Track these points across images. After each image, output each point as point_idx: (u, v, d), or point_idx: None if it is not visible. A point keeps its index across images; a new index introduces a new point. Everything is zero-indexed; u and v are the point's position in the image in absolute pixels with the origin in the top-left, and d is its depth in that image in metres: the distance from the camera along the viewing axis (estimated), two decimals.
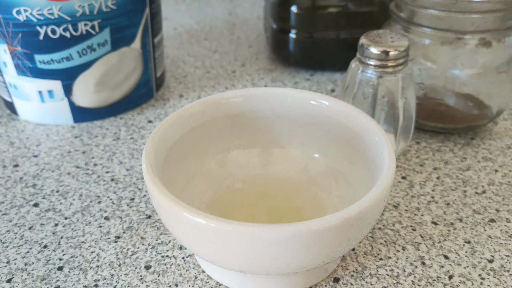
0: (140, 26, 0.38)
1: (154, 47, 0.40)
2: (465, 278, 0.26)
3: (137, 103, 0.41)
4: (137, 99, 0.41)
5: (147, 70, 0.40)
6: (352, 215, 0.21)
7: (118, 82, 0.39)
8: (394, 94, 0.31)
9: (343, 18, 0.45)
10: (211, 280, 0.26)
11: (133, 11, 0.37)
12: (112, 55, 0.37)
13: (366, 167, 0.26)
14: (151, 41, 0.40)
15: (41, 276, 0.26)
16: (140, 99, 0.41)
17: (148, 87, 0.41)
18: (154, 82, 0.42)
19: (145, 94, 0.41)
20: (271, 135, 0.31)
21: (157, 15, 0.40)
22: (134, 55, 0.39)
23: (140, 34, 0.38)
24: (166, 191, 0.22)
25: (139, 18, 0.37)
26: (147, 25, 0.38)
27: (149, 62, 0.40)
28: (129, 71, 0.39)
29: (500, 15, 0.32)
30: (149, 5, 0.38)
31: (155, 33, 0.40)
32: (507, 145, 0.37)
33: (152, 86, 0.42)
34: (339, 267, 0.27)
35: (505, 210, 0.31)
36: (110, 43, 0.37)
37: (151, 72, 0.41)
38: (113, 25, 0.36)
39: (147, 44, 0.39)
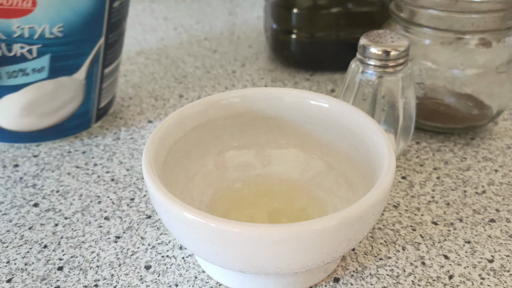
0: (88, 57, 0.33)
1: (103, 77, 0.36)
2: (465, 278, 0.26)
3: (67, 133, 0.37)
4: (69, 129, 0.37)
5: (88, 101, 0.36)
6: (352, 215, 0.21)
7: (50, 110, 0.35)
8: (394, 94, 0.31)
9: (343, 18, 0.45)
10: (211, 280, 0.26)
11: (83, 41, 0.33)
12: (47, 82, 0.33)
13: (366, 167, 0.26)
14: (100, 72, 0.35)
15: (41, 276, 0.26)
16: (72, 130, 0.37)
17: (86, 118, 0.37)
18: (95, 112, 0.37)
19: (80, 125, 0.37)
20: (271, 135, 0.31)
21: (115, 43, 0.36)
22: (74, 85, 0.34)
23: (87, 65, 0.34)
24: (166, 191, 0.22)
25: (89, 48, 0.33)
26: (98, 56, 0.34)
27: (92, 93, 0.36)
28: (65, 100, 0.35)
29: (500, 15, 0.32)
30: (105, 35, 0.34)
31: (107, 63, 0.36)
32: (507, 145, 0.37)
33: (90, 117, 0.37)
34: (339, 267, 0.27)
35: (505, 210, 0.31)
36: (47, 70, 0.33)
37: (93, 103, 0.36)
38: (56, 52, 0.32)
39: (94, 75, 0.35)
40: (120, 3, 0.34)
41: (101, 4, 0.32)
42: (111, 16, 0.33)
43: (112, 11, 0.33)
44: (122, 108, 0.42)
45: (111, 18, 0.33)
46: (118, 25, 0.35)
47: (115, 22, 0.34)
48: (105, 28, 0.33)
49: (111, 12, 0.33)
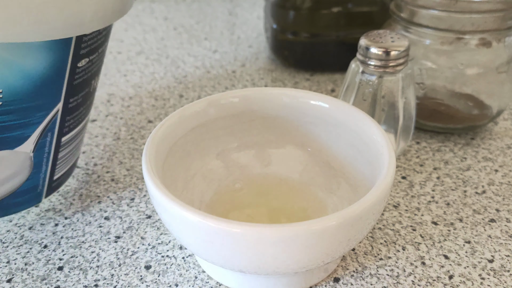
0: (39, 126, 0.26)
1: (59, 147, 0.28)
2: (465, 278, 0.26)
3: (9, 212, 0.29)
4: (11, 207, 0.29)
5: (36, 175, 0.28)
6: (352, 215, 0.21)
7: None
8: (394, 94, 0.31)
9: (343, 18, 0.45)
10: (211, 280, 0.26)
11: (32, 109, 0.25)
12: None
13: (366, 167, 0.26)
14: (55, 142, 0.28)
15: (41, 276, 0.26)
16: (15, 207, 0.29)
17: (33, 193, 0.29)
18: (46, 186, 0.29)
19: (25, 202, 0.29)
20: (271, 135, 0.31)
21: (79, 106, 0.28)
22: (17, 160, 0.27)
23: (36, 136, 0.26)
24: (166, 191, 0.22)
25: (40, 117, 0.25)
26: (54, 124, 0.26)
27: (42, 166, 0.28)
28: (4, 177, 0.27)
29: (500, 15, 0.32)
30: (64, 100, 0.26)
31: (65, 131, 0.28)
32: (507, 145, 0.37)
33: (41, 192, 0.29)
34: (339, 267, 0.27)
35: (505, 210, 0.31)
36: None
37: (44, 177, 0.29)
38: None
39: (47, 146, 0.27)
40: (88, 61, 0.26)
41: (60, 66, 0.24)
42: (74, 77, 0.26)
43: (76, 71, 0.26)
44: (122, 108, 0.42)
45: (74, 79, 0.26)
46: (84, 86, 0.27)
47: (79, 84, 0.26)
48: (65, 92, 0.26)
49: (74, 73, 0.25)
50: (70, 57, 0.24)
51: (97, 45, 0.26)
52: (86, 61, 0.26)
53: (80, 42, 0.24)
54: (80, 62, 0.26)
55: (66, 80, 0.25)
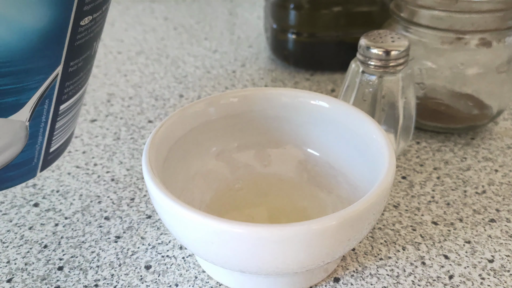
0: (36, 92, 0.23)
1: (57, 116, 0.25)
2: (465, 278, 0.26)
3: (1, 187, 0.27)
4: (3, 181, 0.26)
5: (31, 148, 0.25)
6: (352, 215, 0.21)
7: None
8: (394, 94, 0.31)
9: (343, 18, 0.45)
10: (211, 280, 0.26)
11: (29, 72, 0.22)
12: None
13: (366, 167, 0.26)
14: (53, 110, 0.25)
15: (41, 276, 0.26)
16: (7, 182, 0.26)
17: (28, 166, 0.26)
18: (42, 159, 0.27)
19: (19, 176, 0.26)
20: (271, 135, 0.31)
21: (79, 71, 0.26)
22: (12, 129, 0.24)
23: (32, 103, 0.24)
24: (166, 191, 0.22)
25: (37, 81, 0.23)
26: (52, 90, 0.24)
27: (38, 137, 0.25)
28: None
29: (500, 15, 0.32)
30: (64, 63, 0.24)
31: (64, 99, 0.25)
32: (507, 145, 0.37)
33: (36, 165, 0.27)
34: (339, 267, 0.27)
35: (505, 210, 0.30)
36: None
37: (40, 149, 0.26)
38: None
39: (44, 115, 0.25)
40: (92, 19, 0.24)
41: (61, 23, 0.22)
42: (76, 37, 0.23)
43: (79, 31, 0.23)
44: (122, 108, 0.42)
45: (76, 40, 0.23)
46: (86, 48, 0.25)
47: (81, 45, 0.24)
48: (65, 53, 0.23)
49: (76, 33, 0.23)
50: (73, 14, 0.22)
51: (101, 1, 0.24)
52: (90, 19, 0.23)
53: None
54: (83, 20, 0.23)
55: (68, 40, 0.23)
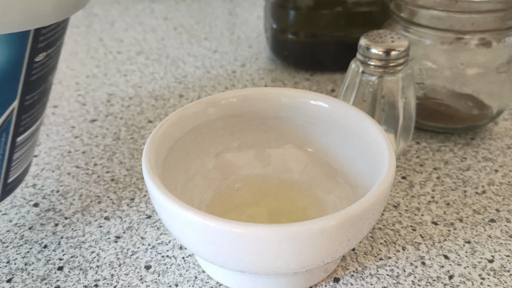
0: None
1: (14, 147, 0.26)
2: (465, 278, 0.26)
3: None
4: None
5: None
6: (352, 215, 0.21)
7: None
8: (394, 94, 0.31)
9: (343, 18, 0.45)
10: (211, 280, 0.26)
11: None
12: None
13: (366, 167, 0.26)
14: (10, 143, 0.25)
15: (41, 276, 0.26)
16: None
17: None
18: (0, 189, 0.27)
19: None
20: (271, 135, 0.31)
21: (36, 104, 0.26)
22: None
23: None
24: (166, 191, 0.22)
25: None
26: (9, 123, 0.24)
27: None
28: None
29: (500, 15, 0.32)
30: (20, 98, 0.24)
31: (21, 131, 0.26)
32: (507, 145, 0.37)
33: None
34: (339, 267, 0.27)
35: (505, 210, 0.31)
36: None
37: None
38: None
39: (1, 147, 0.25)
40: (46, 55, 0.24)
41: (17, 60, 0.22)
42: (31, 73, 0.24)
43: (33, 66, 0.23)
44: (122, 108, 0.42)
45: (31, 75, 0.24)
46: (41, 82, 0.25)
47: (36, 80, 0.24)
48: (21, 88, 0.24)
49: (31, 69, 0.23)
50: (27, 51, 0.22)
51: (55, 38, 0.25)
52: (44, 55, 0.24)
53: (38, 35, 0.22)
54: (37, 56, 0.24)
55: (23, 75, 0.23)
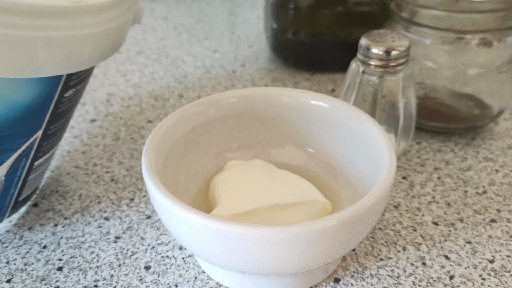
0: (15, 153, 0.25)
1: (30, 170, 0.27)
2: (466, 278, 0.26)
3: None
4: None
5: (3, 198, 0.27)
6: (352, 215, 0.20)
7: None
8: (394, 94, 0.31)
9: (344, 18, 0.45)
10: (211, 280, 0.26)
11: (12, 136, 0.24)
12: None
13: (367, 167, 0.26)
14: (28, 166, 0.27)
15: (41, 276, 0.26)
16: None
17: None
18: (11, 206, 0.28)
19: None
20: (271, 135, 0.31)
21: (57, 132, 0.27)
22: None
23: (11, 162, 0.25)
24: (166, 191, 0.22)
25: (18, 143, 0.24)
26: (30, 150, 0.26)
27: (12, 188, 0.27)
28: None
29: (501, 14, 0.32)
30: (45, 128, 0.25)
31: (39, 156, 0.27)
32: (508, 145, 0.37)
33: (4, 212, 0.28)
34: (340, 267, 0.27)
35: (506, 210, 0.30)
36: None
37: (10, 198, 0.27)
38: None
39: (19, 170, 0.26)
40: (75, 91, 0.26)
41: (48, 96, 0.24)
42: (59, 106, 0.25)
43: (62, 101, 0.25)
44: (122, 108, 0.42)
45: (58, 108, 0.25)
46: (66, 113, 0.27)
47: (62, 112, 0.26)
48: (47, 120, 0.25)
49: (59, 103, 0.25)
50: (59, 89, 0.24)
51: (85, 76, 0.26)
52: (73, 91, 0.26)
53: (71, 75, 0.24)
54: (67, 92, 0.25)
55: (51, 109, 0.25)
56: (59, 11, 0.21)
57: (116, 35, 0.24)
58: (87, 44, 0.23)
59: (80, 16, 0.22)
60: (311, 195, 0.26)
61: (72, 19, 0.21)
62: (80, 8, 0.22)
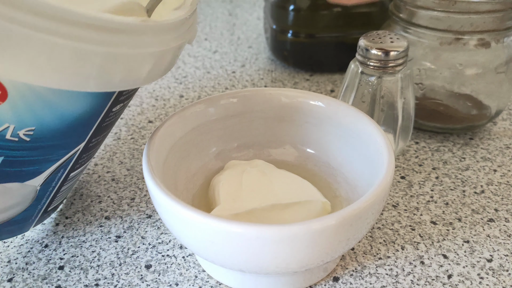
0: (56, 163, 0.25)
1: (66, 180, 0.27)
2: (464, 277, 0.26)
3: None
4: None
5: (34, 207, 0.26)
6: (351, 215, 0.21)
7: None
8: (393, 94, 0.32)
9: (343, 19, 0.45)
10: (211, 279, 0.26)
11: (56, 147, 0.24)
12: None
13: (366, 167, 0.27)
14: (64, 176, 0.26)
15: (42, 275, 0.26)
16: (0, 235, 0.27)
17: (24, 223, 0.27)
18: (37, 217, 0.28)
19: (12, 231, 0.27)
20: (271, 135, 0.31)
21: (97, 145, 0.27)
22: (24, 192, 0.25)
23: (50, 171, 0.25)
24: (167, 190, 0.22)
25: (60, 154, 0.24)
26: (70, 161, 0.25)
27: (43, 198, 0.26)
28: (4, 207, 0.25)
29: (499, 15, 0.32)
30: (88, 140, 0.25)
31: (78, 167, 0.27)
32: (505, 145, 0.37)
33: (31, 222, 0.28)
34: (339, 266, 0.27)
35: (504, 209, 0.31)
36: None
37: (40, 209, 0.27)
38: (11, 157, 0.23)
39: (56, 180, 0.26)
40: (122, 105, 0.26)
41: (98, 110, 0.23)
42: (105, 120, 0.25)
43: (109, 115, 0.25)
44: None
45: (104, 122, 0.25)
46: (108, 127, 0.26)
47: (107, 125, 0.26)
48: (92, 132, 0.25)
49: (106, 117, 0.25)
50: (109, 103, 0.24)
51: (134, 91, 0.26)
52: (121, 106, 0.26)
53: (123, 90, 0.24)
54: (115, 107, 0.25)
55: (98, 122, 0.24)
56: (126, 28, 0.20)
57: (174, 55, 0.23)
58: (148, 62, 0.22)
59: (146, 34, 0.21)
60: (311, 195, 0.26)
61: (138, 37, 0.21)
62: (147, 26, 0.21)
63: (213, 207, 0.26)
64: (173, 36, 0.23)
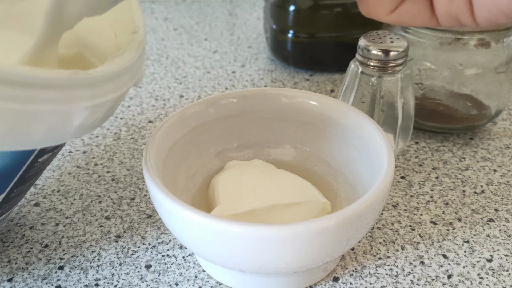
0: None
1: None
2: (464, 277, 0.26)
3: None
4: None
5: None
6: (351, 215, 0.21)
7: None
8: (393, 94, 0.32)
9: (343, 19, 0.45)
10: (211, 279, 0.26)
11: None
12: None
13: (365, 167, 0.27)
14: None
15: (42, 275, 0.26)
16: None
17: None
18: None
19: None
20: (271, 135, 0.31)
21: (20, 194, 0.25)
22: None
23: None
24: (167, 190, 0.22)
25: None
26: None
27: None
28: None
29: None
30: (9, 190, 0.23)
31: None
32: (505, 145, 0.37)
33: None
34: (339, 266, 0.27)
35: (504, 209, 0.31)
36: None
37: None
38: None
39: None
40: (50, 155, 0.24)
41: (20, 162, 0.22)
42: (29, 170, 0.23)
43: (34, 165, 0.23)
44: (123, 108, 0.42)
45: (28, 172, 0.23)
46: (34, 176, 0.24)
47: (32, 175, 0.24)
48: (13, 183, 0.23)
49: (31, 167, 0.23)
50: (33, 156, 0.22)
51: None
52: (49, 155, 0.23)
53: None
54: (41, 157, 0.23)
55: (21, 173, 0.22)
56: (51, 83, 0.17)
57: (112, 106, 0.20)
58: (78, 117, 0.19)
59: (76, 88, 0.18)
60: (311, 195, 0.26)
61: (66, 91, 0.18)
62: (77, 80, 0.18)
63: (213, 207, 0.26)
64: (112, 88, 0.20)
